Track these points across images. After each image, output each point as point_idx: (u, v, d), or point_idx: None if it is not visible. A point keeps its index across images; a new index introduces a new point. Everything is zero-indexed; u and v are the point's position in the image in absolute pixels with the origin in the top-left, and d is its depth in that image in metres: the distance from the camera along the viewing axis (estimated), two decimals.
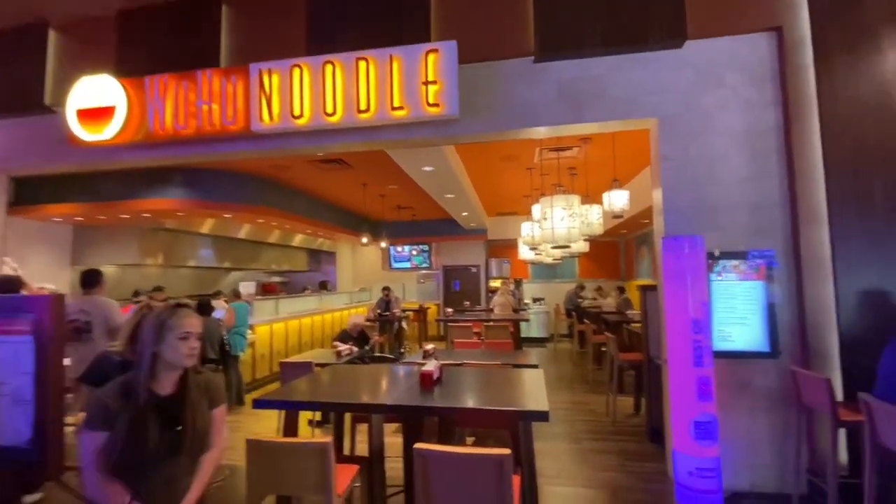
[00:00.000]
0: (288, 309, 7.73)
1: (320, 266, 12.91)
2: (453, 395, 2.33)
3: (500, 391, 2.42)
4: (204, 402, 1.60)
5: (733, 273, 3.18)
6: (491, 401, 2.22)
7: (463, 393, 2.41)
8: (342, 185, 7.01)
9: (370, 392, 2.51)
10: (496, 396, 2.31)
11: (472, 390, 2.49)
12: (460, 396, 2.32)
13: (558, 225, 4.00)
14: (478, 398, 2.31)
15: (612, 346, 4.74)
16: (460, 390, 2.45)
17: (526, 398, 2.24)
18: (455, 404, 2.12)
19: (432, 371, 2.33)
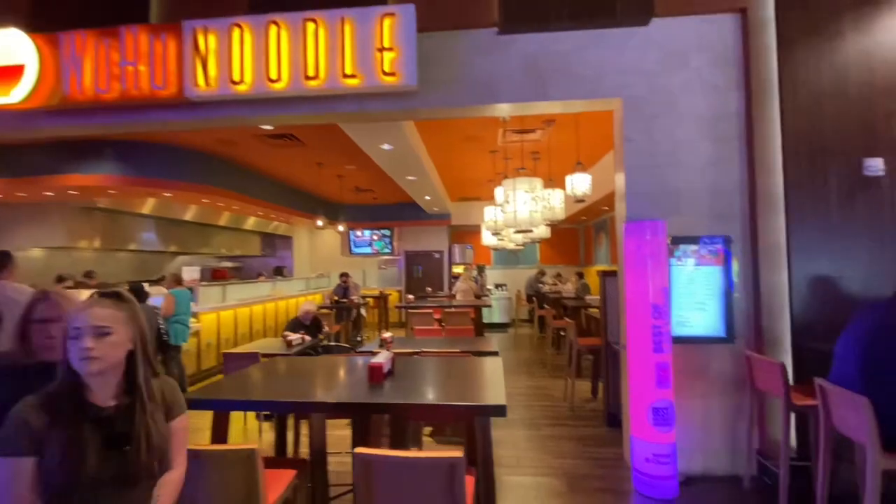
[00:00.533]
0: (237, 296, 7.29)
1: (275, 251, 12.32)
2: (404, 389, 2.13)
3: (456, 383, 2.25)
4: (159, 413, 1.30)
5: (692, 258, 3.15)
6: (445, 395, 2.04)
7: (415, 386, 2.22)
8: (295, 164, 6.59)
9: (313, 387, 2.27)
10: (451, 390, 2.13)
11: (425, 383, 2.30)
12: (412, 391, 2.12)
13: (521, 209, 3.87)
14: (431, 392, 2.12)
15: (571, 331, 4.71)
16: (413, 383, 2.26)
17: (483, 391, 2.09)
18: (405, 400, 1.93)
19: (382, 364, 2.12)
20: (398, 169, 5.93)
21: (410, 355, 3.45)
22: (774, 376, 2.64)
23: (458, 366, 2.71)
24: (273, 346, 4.72)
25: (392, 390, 2.07)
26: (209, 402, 1.99)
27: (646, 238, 2.93)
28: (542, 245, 11.49)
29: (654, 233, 2.93)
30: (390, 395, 1.99)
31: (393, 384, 2.18)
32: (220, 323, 6.53)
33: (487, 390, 2.09)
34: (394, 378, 2.29)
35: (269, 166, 6.67)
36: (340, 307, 6.65)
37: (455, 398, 1.96)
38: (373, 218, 10.54)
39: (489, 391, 2.07)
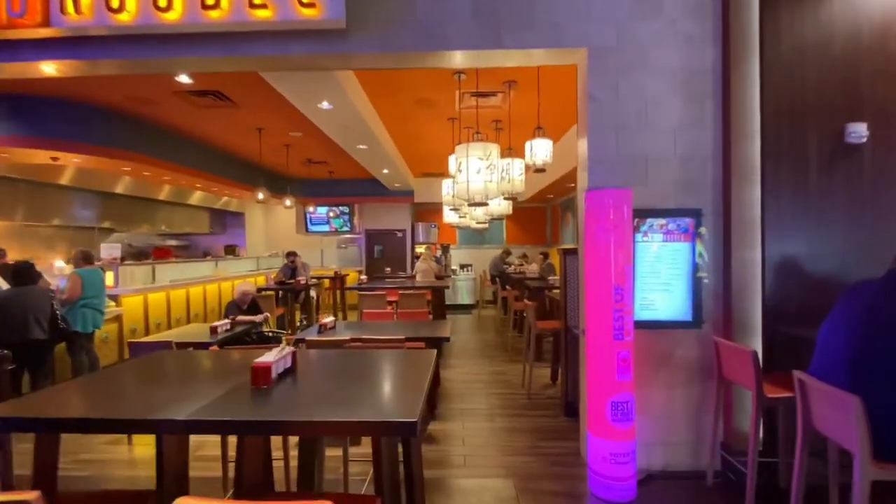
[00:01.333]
0: (171, 276, 6.60)
1: (225, 229, 11.49)
2: (293, 398, 1.63)
3: (364, 389, 1.78)
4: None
5: (659, 233, 2.80)
6: (343, 406, 1.56)
7: (309, 394, 1.71)
8: (231, 130, 5.89)
9: (175, 395, 1.75)
10: (355, 398, 1.64)
11: (326, 389, 1.81)
12: (301, 400, 1.62)
13: (474, 179, 3.44)
14: (326, 402, 1.62)
15: (530, 313, 4.37)
16: (307, 390, 1.76)
17: (395, 401, 1.65)
18: (284, 415, 1.43)
19: (269, 364, 1.64)
20: (345, 135, 5.36)
21: (334, 346, 2.99)
22: (745, 365, 2.35)
23: (383, 361, 2.28)
24: (200, 334, 4.18)
25: (275, 400, 1.58)
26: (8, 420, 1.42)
27: (609, 210, 2.55)
28: (508, 224, 11.16)
29: (619, 203, 2.55)
30: (268, 408, 1.52)
31: (283, 389, 1.69)
32: (149, 307, 5.87)
33: (401, 399, 1.65)
34: (292, 380, 1.82)
35: (200, 131, 5.93)
36: (286, 289, 6.09)
37: (352, 411, 1.49)
38: (330, 194, 9.89)
39: (402, 401, 1.62)
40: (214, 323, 4.16)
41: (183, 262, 7.48)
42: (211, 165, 6.60)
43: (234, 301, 4.90)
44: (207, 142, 6.44)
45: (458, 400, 4.23)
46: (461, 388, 4.60)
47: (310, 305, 6.59)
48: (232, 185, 7.06)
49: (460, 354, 6.00)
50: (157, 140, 5.74)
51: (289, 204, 6.92)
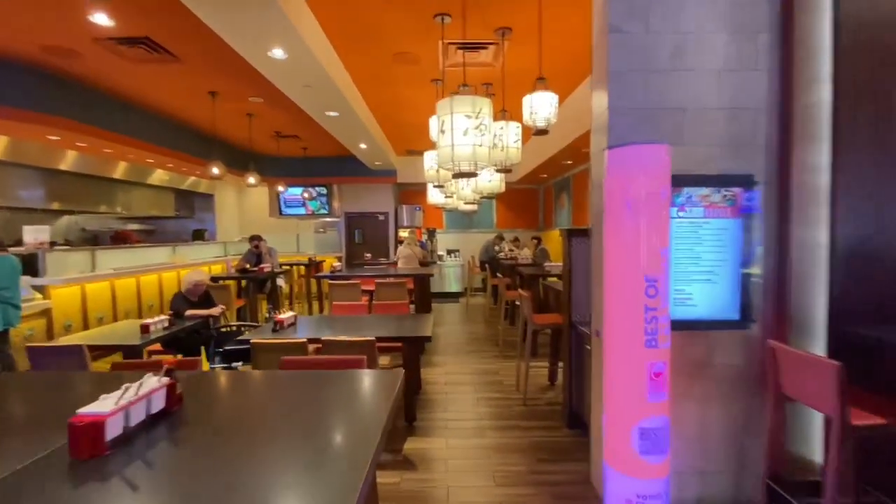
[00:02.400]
0: (116, 263, 5.82)
1: (194, 212, 10.63)
2: (130, 484, 0.94)
3: (266, 461, 1.09)
4: None
5: (699, 207, 2.17)
6: (230, 481, 0.89)
7: (161, 478, 1.00)
8: (178, 92, 5.06)
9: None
10: (243, 485, 0.96)
11: (198, 465, 1.08)
12: (142, 493, 0.93)
13: (461, 141, 2.76)
14: (203, 480, 0.94)
15: (526, 305, 3.74)
16: (166, 463, 1.03)
17: (320, 471, 0.99)
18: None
19: (100, 419, 0.93)
20: (310, 99, 4.60)
21: (282, 349, 2.34)
22: (823, 381, 1.75)
23: (323, 392, 1.62)
24: (129, 334, 3.49)
25: (97, 492, 0.90)
26: None
27: (639, 173, 1.90)
28: (498, 207, 10.50)
29: (653, 164, 1.89)
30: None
31: (122, 463, 0.99)
32: (88, 299, 5.11)
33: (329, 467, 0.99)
34: (149, 439, 1.11)
35: (142, 93, 5.08)
36: (247, 277, 5.36)
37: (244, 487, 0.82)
38: (305, 173, 9.08)
39: (333, 469, 0.96)
40: (148, 320, 3.45)
41: (132, 248, 6.68)
42: (159, 136, 5.75)
43: (181, 293, 4.18)
44: (153, 108, 5.58)
45: (442, 408, 3.61)
46: (445, 392, 3.97)
47: (277, 296, 5.88)
48: (183, 158, 6.19)
49: (446, 349, 5.38)
50: (90, 104, 4.89)
51: (252, 181, 6.14)
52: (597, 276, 2.42)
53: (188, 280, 4.14)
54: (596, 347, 2.44)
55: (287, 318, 3.46)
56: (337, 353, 2.92)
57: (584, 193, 7.41)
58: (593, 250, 2.49)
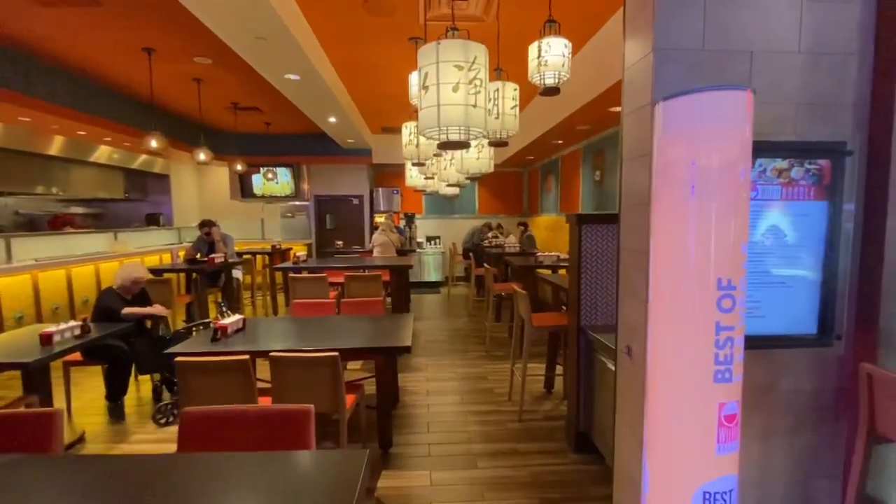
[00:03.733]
0: (41, 252, 4.98)
1: (147, 194, 9.64)
2: None
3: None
4: None
5: (774, 185, 1.61)
6: None
7: None
8: (104, 49, 4.19)
9: None
10: None
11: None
12: None
13: (449, 98, 2.13)
14: None
15: (523, 305, 3.18)
16: None
17: None
18: None
19: None
20: (264, 56, 3.84)
21: (213, 370, 1.71)
22: None
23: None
24: (25, 346, 2.77)
25: None
26: None
27: (713, 131, 1.32)
28: (481, 191, 9.90)
29: (734, 117, 1.32)
30: None
31: None
32: (1, 296, 4.30)
33: None
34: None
35: (59, 47, 4.19)
36: (195, 269, 4.59)
37: None
38: (269, 151, 8.24)
39: None
40: (51, 327, 2.73)
41: (62, 235, 5.81)
42: (84, 101, 4.86)
43: (113, 289, 3.45)
44: (76, 68, 4.68)
45: (423, 427, 3.04)
46: (427, 404, 3.41)
47: (233, 290, 5.16)
48: (115, 129, 5.28)
49: (427, 349, 4.80)
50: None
51: (203, 158, 5.32)
52: (627, 277, 1.86)
53: (125, 275, 3.41)
54: (627, 369, 1.90)
55: (231, 323, 2.80)
56: (291, 371, 2.30)
57: (573, 176, 6.88)
58: (622, 242, 1.92)
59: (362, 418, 2.71)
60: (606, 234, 2.58)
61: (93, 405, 3.46)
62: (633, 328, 1.81)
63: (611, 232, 2.57)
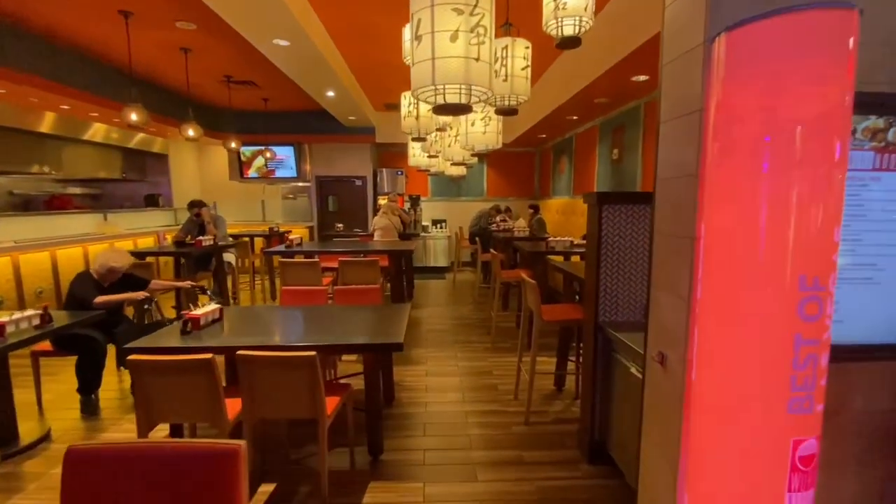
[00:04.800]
0: (23, 233, 4.74)
1: (146, 174, 9.38)
2: None
3: None
4: None
5: (868, 151, 1.23)
6: None
7: None
8: (75, 8, 3.85)
9: None
10: None
11: None
12: None
13: (445, 50, 1.75)
14: None
15: (532, 295, 2.83)
16: None
17: None
18: None
19: None
20: (248, 16, 3.46)
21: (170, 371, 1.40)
22: None
23: None
24: None
25: None
26: None
27: (801, 73, 0.95)
28: (489, 172, 9.48)
29: (829, 53, 0.94)
30: None
31: None
32: None
33: None
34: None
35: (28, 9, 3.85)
36: (183, 253, 4.30)
37: None
38: (267, 129, 7.89)
39: None
40: (6, 317, 2.46)
41: (47, 215, 5.57)
42: (62, 72, 4.52)
43: (89, 274, 3.18)
44: (48, 33, 4.32)
45: (419, 430, 2.75)
46: (425, 402, 3.11)
47: (223, 275, 4.87)
48: (95, 101, 4.93)
49: (428, 338, 4.51)
50: None
51: (192, 134, 4.99)
52: (663, 268, 1.51)
53: (101, 261, 3.13)
54: (658, 380, 1.56)
55: (205, 313, 2.50)
56: (262, 373, 1.99)
57: (589, 155, 6.44)
58: (657, 225, 1.56)
59: (350, 420, 2.42)
60: (633, 215, 2.21)
61: (67, 398, 3.22)
62: (670, 332, 1.47)
63: (639, 213, 2.21)
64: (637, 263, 2.27)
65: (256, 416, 2.08)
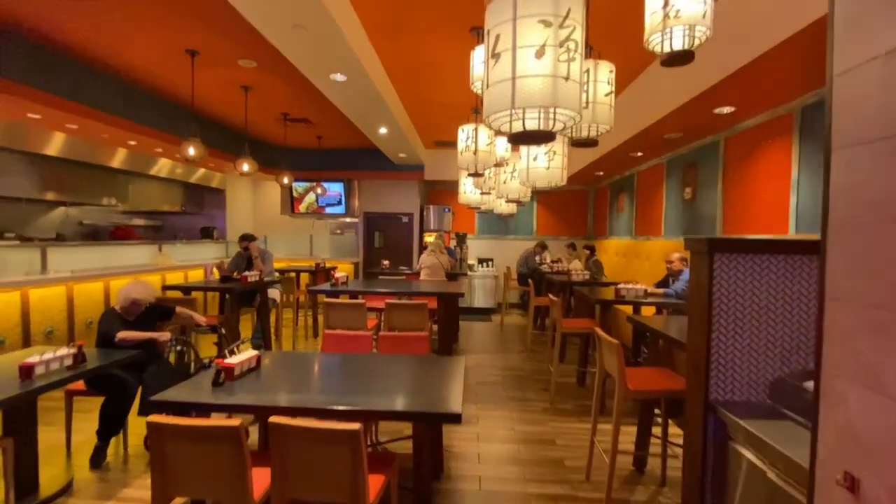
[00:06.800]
0: (79, 263, 4.82)
1: (203, 207, 9.74)
2: None
3: None
4: None
5: None
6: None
7: None
8: (147, 50, 3.95)
9: None
10: None
11: None
12: None
13: (528, 66, 1.46)
14: None
15: (614, 359, 2.37)
16: None
17: None
18: None
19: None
20: (306, 50, 3.39)
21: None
22: None
23: None
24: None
25: None
26: None
27: None
28: (539, 210, 9.11)
29: None
30: None
31: None
32: (31, 308, 4.09)
33: None
34: None
35: (104, 50, 3.98)
36: (224, 289, 4.15)
37: None
38: (320, 166, 7.98)
39: None
40: (33, 357, 2.30)
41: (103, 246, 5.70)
42: (131, 109, 4.66)
43: (115, 310, 3.05)
44: (120, 71, 4.51)
45: None
46: (479, 477, 2.65)
47: (267, 312, 4.69)
48: (156, 135, 5.06)
49: (477, 393, 4.05)
50: (36, 61, 3.86)
51: (246, 169, 5.02)
52: (848, 351, 1.06)
53: (124, 294, 3.00)
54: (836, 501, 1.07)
55: (241, 362, 2.24)
56: (297, 445, 1.66)
57: (654, 194, 5.95)
58: (829, 289, 1.13)
59: (395, 501, 2.02)
60: (762, 268, 1.76)
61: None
62: (868, 446, 1.00)
63: (771, 267, 1.76)
64: (764, 330, 1.79)
65: (287, 496, 1.74)
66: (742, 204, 4.11)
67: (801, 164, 3.43)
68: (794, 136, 3.49)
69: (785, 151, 3.58)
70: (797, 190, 3.44)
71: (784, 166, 3.58)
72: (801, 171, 3.42)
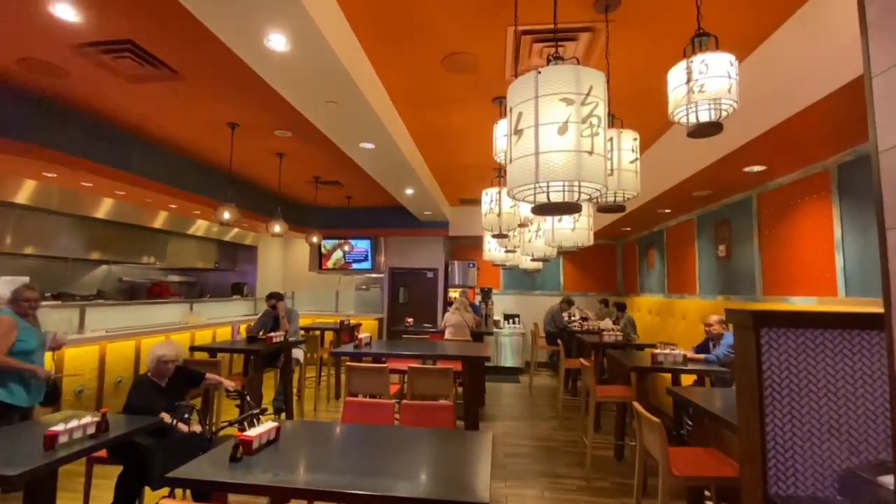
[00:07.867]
0: (114, 322, 4.95)
1: (236, 264, 10.06)
2: None
3: None
4: None
5: None
6: None
7: None
8: (193, 123, 4.28)
9: None
10: None
11: None
12: None
13: (552, 143, 1.46)
14: None
15: (657, 441, 2.17)
16: None
17: None
18: None
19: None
20: (337, 121, 3.56)
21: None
22: None
23: None
24: None
25: None
26: None
27: None
28: (566, 265, 8.96)
29: None
30: None
31: None
32: (66, 368, 4.17)
33: None
34: None
35: (148, 122, 4.32)
36: (249, 350, 4.13)
37: None
38: (348, 224, 8.20)
39: None
40: (58, 426, 2.29)
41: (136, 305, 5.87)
42: (171, 175, 5.00)
43: (147, 376, 3.06)
44: (165, 142, 4.85)
45: None
46: None
47: (290, 372, 4.63)
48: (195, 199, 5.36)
49: (506, 468, 3.78)
50: (85, 132, 4.18)
51: (278, 230, 5.19)
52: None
53: (151, 357, 3.02)
54: None
55: (259, 434, 2.16)
56: None
57: (685, 251, 5.77)
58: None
59: None
60: (817, 345, 1.61)
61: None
62: None
63: (831, 342, 1.61)
64: (826, 414, 1.61)
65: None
66: (782, 263, 3.91)
67: (843, 223, 3.27)
68: (832, 194, 3.36)
69: (824, 209, 3.43)
70: (842, 250, 3.26)
71: (825, 225, 3.42)
72: (845, 231, 3.25)
